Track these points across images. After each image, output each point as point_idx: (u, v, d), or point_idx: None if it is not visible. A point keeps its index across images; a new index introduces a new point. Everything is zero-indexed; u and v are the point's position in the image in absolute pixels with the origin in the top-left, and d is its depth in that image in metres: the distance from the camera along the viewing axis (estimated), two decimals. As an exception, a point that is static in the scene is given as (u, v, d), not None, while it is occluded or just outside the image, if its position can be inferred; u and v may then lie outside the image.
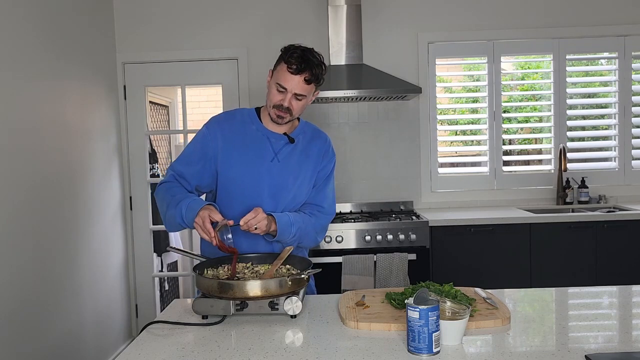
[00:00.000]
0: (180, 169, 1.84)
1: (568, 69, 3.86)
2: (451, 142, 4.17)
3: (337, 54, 3.56)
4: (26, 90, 2.69)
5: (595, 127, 4.05)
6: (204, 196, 1.95)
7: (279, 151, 1.82)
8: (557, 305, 1.67)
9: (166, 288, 4.45)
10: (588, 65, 4.00)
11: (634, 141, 3.88)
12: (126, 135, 3.87)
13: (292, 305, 1.49)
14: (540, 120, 4.06)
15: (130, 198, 3.90)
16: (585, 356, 1.20)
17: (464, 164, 4.04)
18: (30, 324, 2.63)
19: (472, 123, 4.01)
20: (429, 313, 1.21)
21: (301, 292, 1.56)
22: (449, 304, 1.32)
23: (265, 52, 3.84)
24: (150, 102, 4.33)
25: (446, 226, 3.30)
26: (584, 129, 4.00)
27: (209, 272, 1.67)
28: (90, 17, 3.47)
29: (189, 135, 3.99)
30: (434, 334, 1.22)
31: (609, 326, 1.47)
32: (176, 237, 4.57)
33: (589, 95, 4.02)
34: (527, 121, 4.18)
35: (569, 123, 3.89)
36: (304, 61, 1.70)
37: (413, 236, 3.24)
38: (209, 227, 1.62)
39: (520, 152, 4.19)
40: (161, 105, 4.89)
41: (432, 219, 3.31)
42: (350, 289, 2.98)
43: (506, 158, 3.93)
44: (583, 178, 3.80)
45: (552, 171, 3.90)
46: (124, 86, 3.86)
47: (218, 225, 1.64)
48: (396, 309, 1.51)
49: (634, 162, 3.88)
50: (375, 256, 3.18)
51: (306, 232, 1.80)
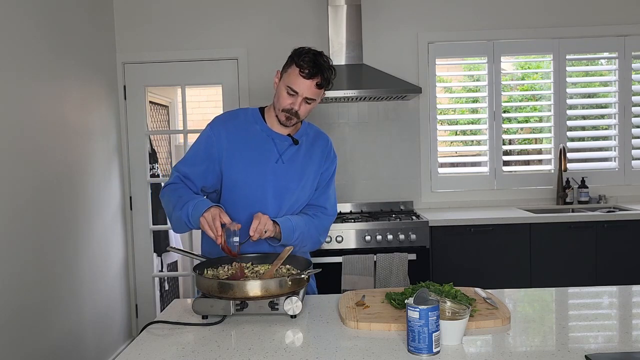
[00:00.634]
0: (185, 170, 1.84)
1: (568, 69, 3.86)
2: (451, 142, 4.17)
3: (337, 54, 3.56)
4: (26, 90, 2.69)
5: (595, 127, 4.05)
6: (209, 197, 1.95)
7: (283, 152, 1.83)
8: (557, 305, 1.67)
9: (166, 288, 4.45)
10: (588, 65, 4.00)
11: (633, 141, 3.88)
12: (126, 135, 3.87)
13: (292, 305, 1.49)
14: (540, 120, 4.06)
15: (131, 198, 3.90)
16: (585, 356, 1.20)
17: (464, 164, 4.04)
18: (30, 323, 2.63)
19: (472, 123, 4.01)
20: (429, 313, 1.21)
21: (301, 292, 1.56)
22: (449, 304, 1.33)
23: (265, 52, 3.84)
24: (150, 102, 4.33)
25: (446, 226, 3.30)
26: (584, 129, 4.00)
27: (209, 272, 1.67)
28: (91, 17, 3.47)
29: (189, 135, 3.99)
30: (434, 334, 1.22)
31: (609, 326, 1.47)
32: (176, 237, 4.57)
33: (589, 95, 4.02)
34: (527, 121, 4.19)
35: (569, 123, 3.89)
36: (316, 66, 1.70)
37: (413, 236, 3.24)
38: (218, 225, 1.61)
39: (520, 152, 4.20)
40: (161, 105, 4.89)
41: (432, 219, 3.31)
42: (350, 289, 2.98)
43: (506, 158, 3.93)
44: (583, 178, 3.80)
45: (552, 171, 3.90)
46: (124, 86, 3.86)
47: (225, 227, 1.63)
48: (396, 309, 1.51)
49: (634, 162, 3.88)
50: (375, 256, 3.18)
51: (309, 234, 1.81)
